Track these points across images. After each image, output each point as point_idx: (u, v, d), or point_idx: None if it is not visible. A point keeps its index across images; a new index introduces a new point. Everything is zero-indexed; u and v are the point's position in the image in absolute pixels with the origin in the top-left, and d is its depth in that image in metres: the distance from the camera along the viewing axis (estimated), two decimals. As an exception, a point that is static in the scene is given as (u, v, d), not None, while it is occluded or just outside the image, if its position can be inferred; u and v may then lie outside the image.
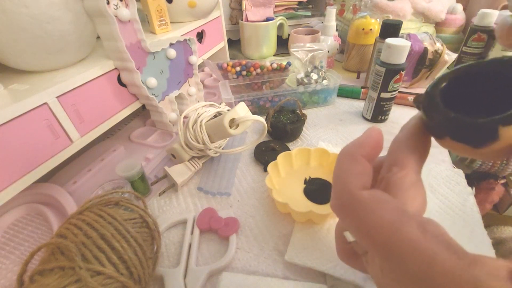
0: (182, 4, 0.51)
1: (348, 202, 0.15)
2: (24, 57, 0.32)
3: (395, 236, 0.13)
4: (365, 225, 0.14)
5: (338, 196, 0.15)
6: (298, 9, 0.86)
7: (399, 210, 0.13)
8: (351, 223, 0.15)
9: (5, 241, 0.31)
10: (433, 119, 0.14)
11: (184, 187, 0.39)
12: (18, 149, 0.29)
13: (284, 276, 0.28)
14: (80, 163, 0.42)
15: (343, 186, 0.15)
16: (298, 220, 0.31)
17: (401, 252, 0.12)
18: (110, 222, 0.23)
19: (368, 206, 0.14)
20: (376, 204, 0.14)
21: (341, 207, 0.15)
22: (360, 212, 0.14)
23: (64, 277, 0.20)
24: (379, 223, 0.13)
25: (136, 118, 0.55)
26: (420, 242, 0.12)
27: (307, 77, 0.54)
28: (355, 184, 0.15)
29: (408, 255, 0.12)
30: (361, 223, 0.14)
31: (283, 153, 0.38)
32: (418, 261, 0.12)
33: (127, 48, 0.36)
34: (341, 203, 0.15)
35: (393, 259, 0.13)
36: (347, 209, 0.15)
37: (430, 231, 0.13)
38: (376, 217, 0.13)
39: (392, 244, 0.13)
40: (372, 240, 0.13)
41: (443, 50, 0.53)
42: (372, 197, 0.14)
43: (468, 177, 0.37)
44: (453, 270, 0.11)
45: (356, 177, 0.15)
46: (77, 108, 0.34)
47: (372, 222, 0.13)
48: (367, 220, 0.14)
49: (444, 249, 0.12)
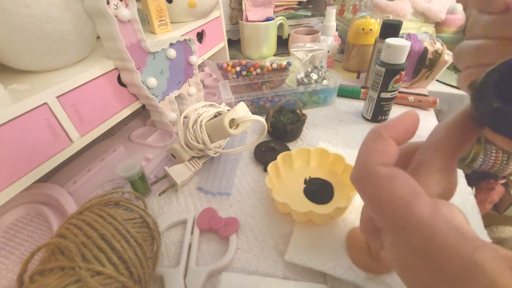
0: (182, 4, 0.51)
1: (364, 176, 0.15)
2: (24, 57, 0.32)
3: (404, 211, 0.13)
4: (378, 199, 0.14)
5: (357, 169, 0.16)
6: (298, 9, 0.86)
7: (413, 188, 0.13)
8: (365, 196, 0.15)
9: (5, 241, 0.31)
10: (477, 107, 0.14)
11: (184, 187, 0.39)
12: (18, 149, 0.29)
13: (284, 276, 0.28)
14: (80, 163, 0.42)
15: (363, 160, 0.15)
16: (298, 220, 0.31)
17: (407, 226, 0.13)
18: (110, 222, 0.23)
19: (382, 181, 0.14)
20: (391, 179, 0.14)
21: (358, 180, 0.16)
22: (374, 186, 0.14)
23: (64, 277, 0.20)
24: (391, 198, 0.13)
25: (136, 118, 0.55)
26: (428, 219, 0.12)
27: (307, 77, 0.54)
28: (375, 160, 0.15)
29: (413, 229, 0.12)
30: (374, 197, 0.14)
31: (283, 153, 0.38)
32: (422, 235, 0.12)
33: (127, 48, 0.36)
34: (359, 175, 0.16)
35: (399, 232, 0.13)
36: (363, 182, 0.15)
37: (441, 212, 0.13)
38: (388, 192, 0.14)
39: (400, 218, 0.13)
40: (383, 214, 0.14)
41: (443, 50, 0.53)
42: (388, 173, 0.14)
43: (468, 177, 0.37)
44: (454, 248, 0.11)
45: (378, 154, 0.15)
46: (77, 108, 0.34)
47: (384, 196, 0.14)
48: (380, 194, 0.14)
49: (451, 230, 0.12)
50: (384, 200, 0.14)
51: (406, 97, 0.53)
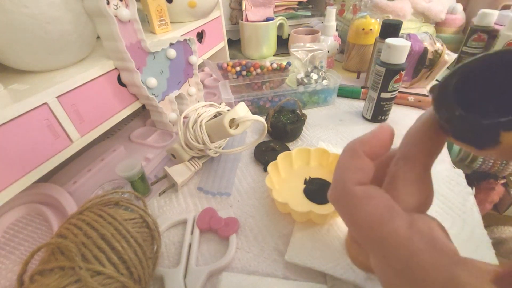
0: (182, 4, 0.51)
1: (341, 196, 0.15)
2: (24, 57, 0.32)
3: (381, 232, 0.13)
4: (356, 218, 0.14)
5: (334, 188, 0.16)
6: (298, 9, 0.86)
7: (389, 207, 0.14)
8: (343, 216, 0.16)
9: (5, 241, 0.31)
10: (440, 114, 0.14)
11: (184, 187, 0.39)
12: (18, 149, 0.29)
13: (284, 276, 0.28)
14: (80, 163, 0.42)
15: (339, 180, 0.16)
16: (298, 220, 0.31)
17: (386, 245, 0.13)
18: (110, 222, 0.23)
19: (359, 201, 0.14)
20: (367, 199, 0.14)
21: (335, 200, 0.16)
22: (351, 207, 0.14)
23: (64, 277, 0.20)
24: (368, 218, 0.14)
25: (136, 118, 0.55)
26: (404, 237, 0.12)
27: (307, 77, 0.54)
28: (351, 179, 0.15)
29: (392, 249, 0.13)
30: (352, 217, 0.14)
31: (283, 153, 0.38)
32: (400, 255, 0.12)
33: (127, 48, 0.36)
34: (336, 195, 0.16)
35: (379, 252, 0.13)
36: (340, 202, 0.15)
37: (418, 229, 0.13)
38: (365, 212, 0.14)
39: (377, 238, 0.13)
40: (362, 234, 0.14)
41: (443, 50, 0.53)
42: (364, 192, 0.14)
43: (468, 177, 0.37)
44: (433, 265, 0.12)
45: (353, 172, 0.15)
46: (77, 108, 0.34)
47: (361, 217, 0.14)
48: (357, 215, 0.14)
49: (428, 246, 0.12)
50: (361, 221, 0.14)
51: (406, 97, 0.53)
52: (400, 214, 0.13)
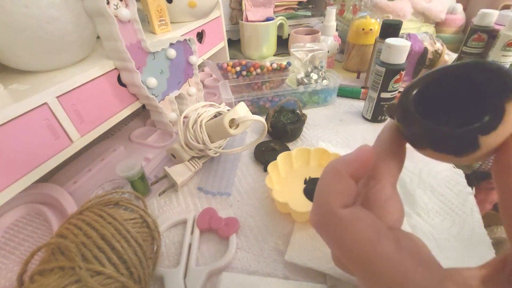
0: (182, 4, 0.51)
1: (327, 220, 0.14)
2: (24, 57, 0.32)
3: (371, 253, 0.13)
4: (343, 242, 0.14)
5: (317, 212, 0.15)
6: (298, 9, 0.86)
7: (375, 227, 0.13)
8: (329, 240, 0.15)
9: (5, 241, 0.31)
10: (412, 131, 0.14)
11: (184, 187, 0.39)
12: (18, 149, 0.29)
13: (284, 276, 0.28)
14: (80, 163, 0.42)
15: (323, 203, 0.15)
16: (298, 220, 0.31)
17: (376, 268, 0.13)
18: (110, 222, 0.23)
19: (346, 224, 0.14)
20: (355, 221, 0.14)
21: (321, 224, 0.15)
22: (338, 230, 0.14)
23: (64, 277, 0.20)
24: (356, 241, 0.13)
25: (136, 118, 0.55)
26: (394, 259, 0.12)
27: (307, 77, 0.54)
28: (336, 201, 0.14)
29: (383, 271, 0.12)
30: (340, 241, 0.14)
31: (283, 153, 0.38)
32: (392, 277, 0.12)
33: (127, 48, 0.36)
34: (320, 219, 0.15)
35: (369, 275, 0.13)
36: (326, 226, 0.15)
37: (405, 247, 0.13)
38: (353, 235, 0.13)
39: (367, 261, 0.13)
40: (350, 257, 0.14)
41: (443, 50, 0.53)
42: (351, 215, 0.14)
43: (468, 177, 0.37)
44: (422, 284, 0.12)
45: (338, 195, 0.15)
46: (77, 108, 0.34)
47: (350, 240, 0.13)
48: (345, 238, 0.14)
49: (417, 265, 0.12)
50: (349, 244, 0.13)
51: (406, 97, 0.53)
52: (387, 234, 0.13)
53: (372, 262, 0.13)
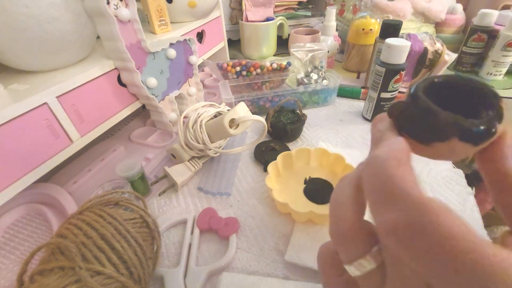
0: (182, 4, 0.51)
1: (419, 216, 0.11)
2: (24, 57, 0.32)
3: (467, 255, 0.09)
4: (434, 238, 0.10)
5: (398, 208, 0.11)
6: (298, 9, 0.86)
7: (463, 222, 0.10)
8: (416, 248, 0.11)
9: (5, 241, 0.31)
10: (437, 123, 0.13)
11: (184, 187, 0.39)
12: (18, 149, 0.29)
13: (284, 276, 0.28)
14: (80, 163, 0.42)
15: (403, 195, 0.11)
16: (298, 220, 0.31)
17: (475, 276, 0.09)
18: (110, 222, 0.23)
19: (437, 213, 0.10)
20: (444, 211, 0.10)
21: (409, 224, 0.11)
22: (429, 222, 0.10)
23: (64, 277, 0.20)
24: (449, 236, 0.10)
25: (136, 118, 0.55)
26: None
27: (307, 77, 0.54)
28: (419, 191, 0.11)
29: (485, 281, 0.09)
30: (426, 237, 0.10)
31: (283, 153, 0.38)
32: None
33: (127, 48, 0.36)
34: (408, 218, 0.11)
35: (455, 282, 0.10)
36: (414, 226, 0.10)
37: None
38: (445, 228, 0.10)
39: (460, 264, 0.09)
40: (436, 259, 0.10)
41: (443, 50, 0.53)
42: (442, 206, 0.11)
43: (468, 177, 0.37)
44: None
45: (414, 181, 0.11)
46: (77, 108, 0.34)
47: (441, 234, 0.10)
48: (437, 231, 0.10)
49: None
50: (440, 241, 0.10)
51: (406, 97, 0.53)
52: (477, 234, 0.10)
53: (467, 266, 0.09)
